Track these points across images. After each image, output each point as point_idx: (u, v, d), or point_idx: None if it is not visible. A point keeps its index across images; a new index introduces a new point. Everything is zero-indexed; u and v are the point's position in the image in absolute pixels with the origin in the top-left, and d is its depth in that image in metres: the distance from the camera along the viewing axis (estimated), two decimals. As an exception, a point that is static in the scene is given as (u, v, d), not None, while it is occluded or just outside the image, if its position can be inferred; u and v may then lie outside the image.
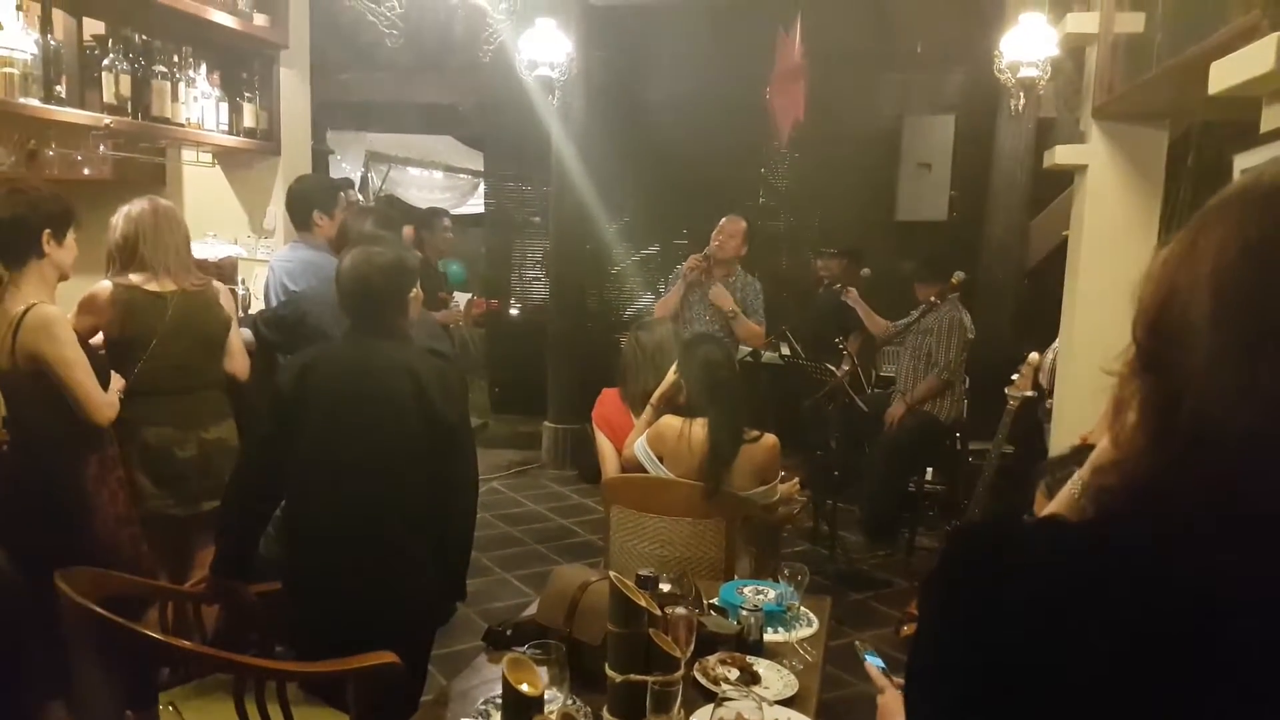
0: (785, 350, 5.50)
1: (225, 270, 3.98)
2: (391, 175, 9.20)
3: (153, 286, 3.00)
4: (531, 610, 2.37)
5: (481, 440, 7.34)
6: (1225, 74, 2.08)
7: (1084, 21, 3.79)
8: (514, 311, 8.50)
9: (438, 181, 9.67)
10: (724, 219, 4.87)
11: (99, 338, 3.00)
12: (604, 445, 3.40)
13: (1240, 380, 0.63)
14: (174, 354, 3.02)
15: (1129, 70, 3.42)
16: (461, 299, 9.19)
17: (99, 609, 1.99)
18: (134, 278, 2.98)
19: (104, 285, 2.98)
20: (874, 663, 1.65)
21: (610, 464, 3.35)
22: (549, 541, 5.23)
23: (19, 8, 3.06)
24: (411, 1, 2.42)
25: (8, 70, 3.07)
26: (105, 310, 2.94)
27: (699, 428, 2.97)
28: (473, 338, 9.55)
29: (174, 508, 3.05)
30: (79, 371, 2.64)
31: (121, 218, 3.04)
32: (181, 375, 3.05)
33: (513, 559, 4.92)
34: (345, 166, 8.66)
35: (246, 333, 3.42)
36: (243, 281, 4.10)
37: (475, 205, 9.50)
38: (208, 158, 4.18)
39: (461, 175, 9.71)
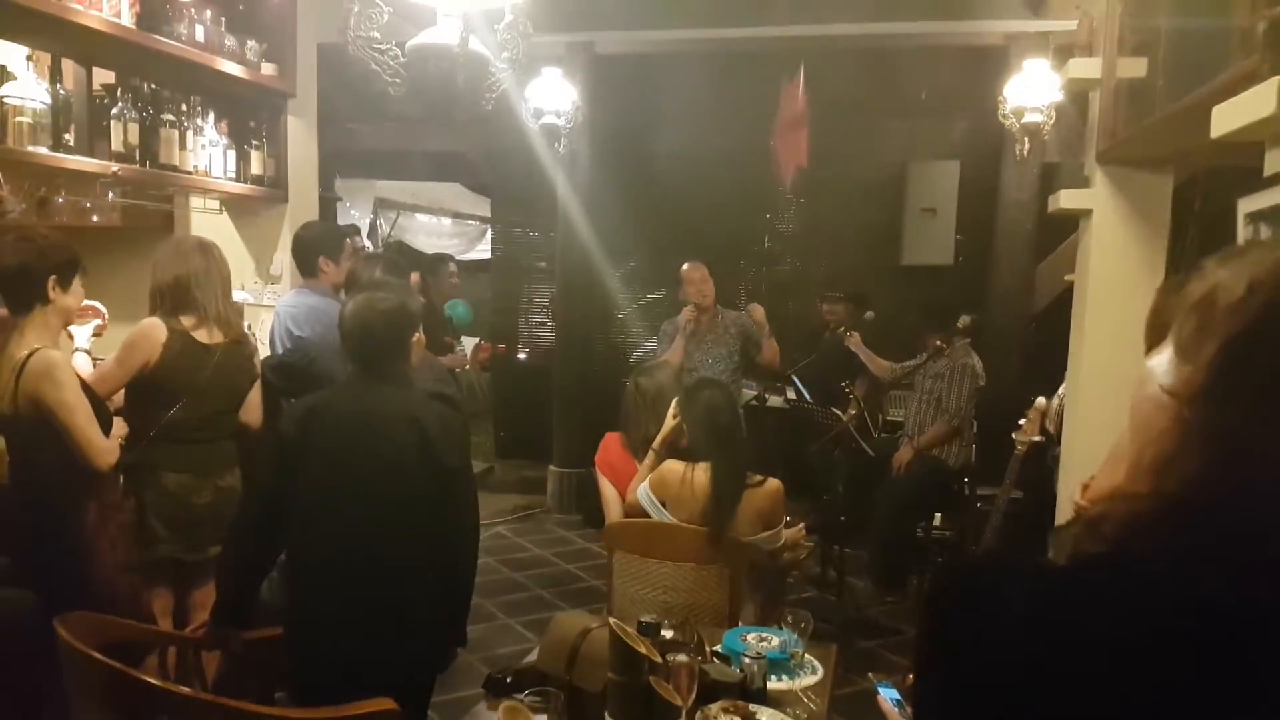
0: (791, 394, 5.48)
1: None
2: (400, 222, 9.29)
3: (202, 335, 3.04)
4: (533, 657, 2.34)
5: (487, 485, 7.32)
6: (1227, 118, 2.08)
7: (1087, 67, 3.82)
8: (521, 356, 8.51)
9: (446, 228, 9.76)
10: (686, 267, 4.94)
11: (110, 379, 3.01)
12: (607, 490, 3.38)
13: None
14: (204, 406, 3.07)
15: (1132, 115, 3.43)
16: (469, 343, 9.23)
17: (97, 654, 1.96)
18: (185, 322, 3.02)
19: (156, 324, 3.00)
20: (888, 695, 1.61)
21: (614, 509, 3.33)
22: (553, 587, 5.17)
23: (29, 58, 3.11)
24: (414, 52, 2.44)
25: (19, 120, 3.12)
26: (157, 350, 2.97)
27: (701, 472, 2.95)
28: (480, 382, 9.57)
29: (183, 553, 3.06)
30: (80, 417, 2.64)
31: (170, 255, 3.08)
32: (207, 426, 3.09)
33: (516, 605, 4.86)
34: (354, 213, 8.75)
35: None
36: (249, 327, 4.11)
37: (483, 251, 9.57)
38: (215, 205, 4.22)
39: (469, 221, 9.80)
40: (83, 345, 3.22)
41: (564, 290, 6.92)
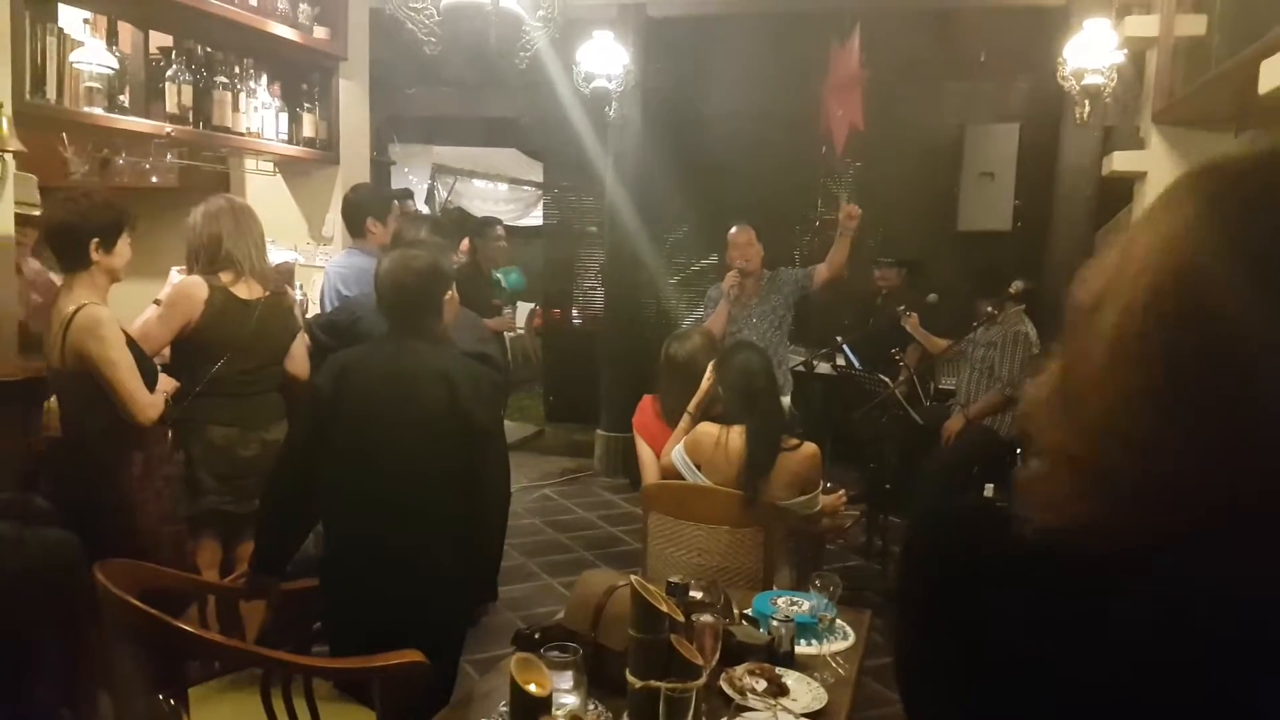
0: (840, 361, 5.42)
1: (283, 275, 4.09)
2: (457, 187, 9.35)
3: (241, 291, 3.11)
4: (562, 615, 2.37)
5: (535, 447, 7.41)
6: (1274, 73, 2.00)
7: (1144, 25, 3.69)
8: (576, 321, 8.56)
9: (502, 194, 9.80)
10: (733, 230, 4.82)
11: (155, 337, 3.09)
12: (644, 451, 3.39)
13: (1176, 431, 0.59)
14: (249, 360, 3.15)
15: (1189, 74, 3.31)
16: (524, 309, 9.29)
17: (133, 600, 2.04)
18: (224, 277, 3.10)
19: (197, 282, 3.07)
20: None
21: (650, 470, 3.34)
22: (596, 549, 5.23)
23: (87, 21, 3.19)
24: (449, 10, 2.45)
25: (85, 85, 3.21)
26: (199, 308, 3.05)
27: (736, 435, 2.94)
28: (534, 348, 9.65)
29: (230, 504, 3.15)
30: (123, 372, 2.72)
31: (201, 216, 3.15)
32: (252, 380, 3.18)
33: (559, 565, 4.93)
34: (412, 179, 8.83)
35: (304, 336, 3.51)
36: (300, 287, 4.20)
37: (537, 217, 9.60)
38: (269, 166, 4.30)
39: (525, 187, 9.82)
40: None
41: (613, 257, 6.92)
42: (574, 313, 8.57)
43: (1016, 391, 4.89)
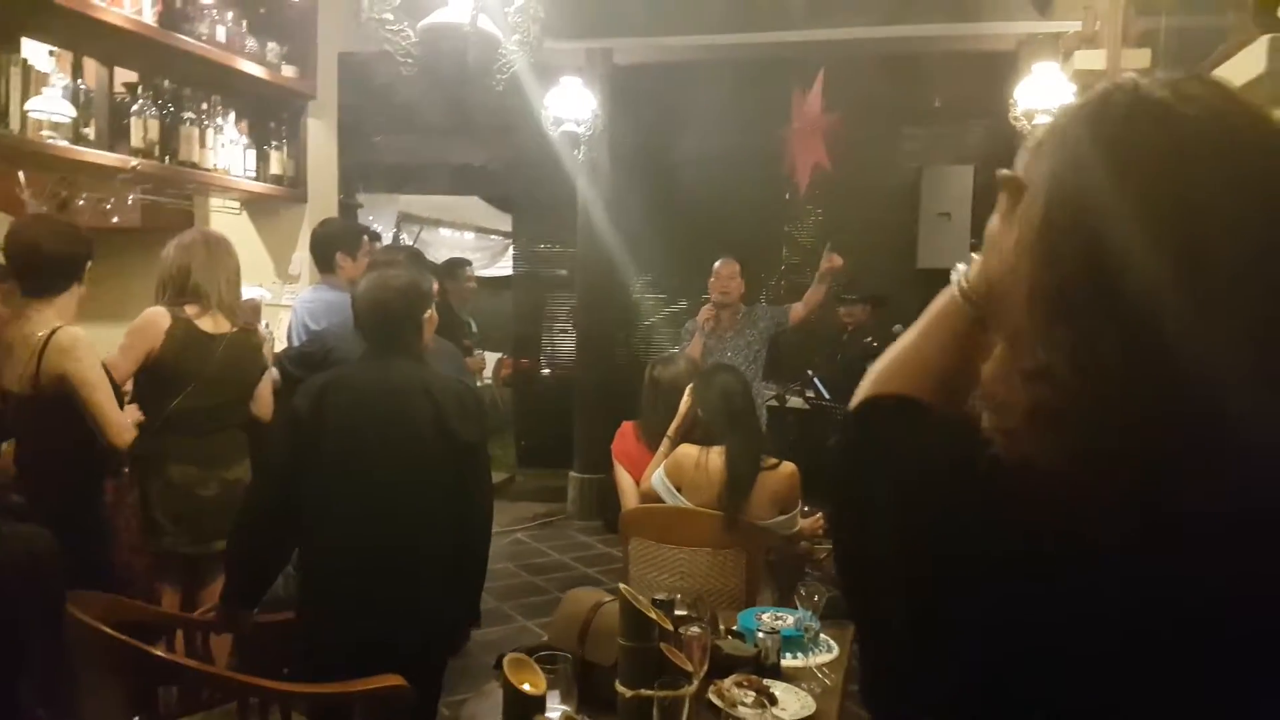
0: (810, 394, 5.45)
1: (250, 312, 4.03)
2: (422, 235, 9.35)
3: (206, 324, 3.04)
4: (546, 639, 2.32)
5: (507, 494, 7.31)
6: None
7: (1092, 59, 3.84)
8: (545, 371, 8.55)
9: (469, 242, 9.82)
10: (718, 263, 4.91)
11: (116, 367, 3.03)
12: (623, 478, 3.37)
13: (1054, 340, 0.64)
14: (211, 396, 3.06)
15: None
16: (491, 359, 9.25)
17: (107, 629, 1.97)
18: (189, 310, 3.03)
19: (160, 312, 3.02)
20: None
21: (629, 497, 3.31)
22: (570, 590, 5.14)
23: (52, 53, 3.18)
24: (425, 31, 2.47)
25: (50, 125, 3.18)
26: (160, 339, 2.98)
27: (716, 456, 2.94)
28: (502, 398, 9.59)
29: (188, 546, 3.04)
30: (100, 393, 2.67)
31: (174, 247, 3.11)
32: (214, 417, 3.09)
33: (534, 607, 4.84)
34: (377, 227, 8.82)
35: (273, 371, 3.45)
36: (266, 325, 4.14)
37: (505, 267, 9.62)
38: (235, 205, 4.27)
39: (492, 236, 9.85)
40: None
41: (585, 299, 6.94)
42: (542, 362, 8.56)
43: (980, 404, 4.94)
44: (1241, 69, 2.05)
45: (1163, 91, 0.66)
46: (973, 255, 0.83)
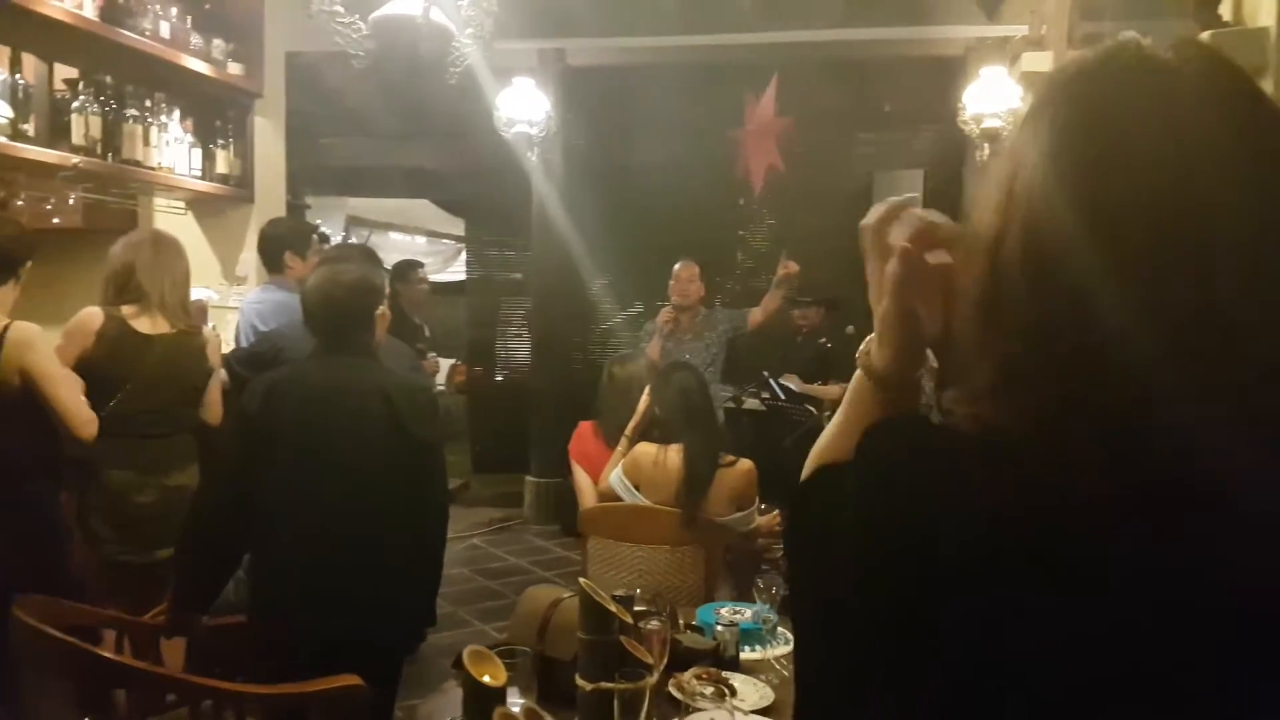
0: (766, 395, 5.48)
1: (197, 313, 3.95)
2: (372, 239, 9.24)
3: (143, 325, 2.94)
4: (505, 637, 2.30)
5: (463, 500, 7.25)
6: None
7: (1040, 60, 3.91)
8: (499, 378, 8.49)
9: (420, 246, 9.73)
10: (677, 266, 4.94)
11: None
12: (581, 479, 3.36)
13: (1055, 301, 0.64)
14: (150, 399, 2.96)
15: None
16: (445, 364, 9.17)
17: (54, 631, 1.91)
18: (126, 310, 2.94)
19: (93, 312, 2.93)
20: None
21: (587, 497, 3.30)
22: (529, 588, 5.11)
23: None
24: (377, 23, 2.44)
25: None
26: (90, 339, 2.89)
27: (674, 454, 2.94)
28: (456, 404, 9.50)
29: (128, 554, 2.93)
30: (64, 387, 2.60)
31: (120, 245, 3.03)
32: (154, 421, 2.98)
33: (491, 611, 4.80)
34: (326, 230, 8.71)
35: (222, 373, 3.36)
36: (213, 327, 4.06)
37: (457, 271, 9.53)
38: (180, 205, 4.18)
39: (444, 240, 9.77)
40: None
41: (540, 302, 6.92)
42: (496, 368, 8.51)
43: (930, 402, 5.03)
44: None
45: (1166, 54, 0.67)
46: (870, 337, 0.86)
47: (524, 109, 5.60)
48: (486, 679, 1.53)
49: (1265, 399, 0.60)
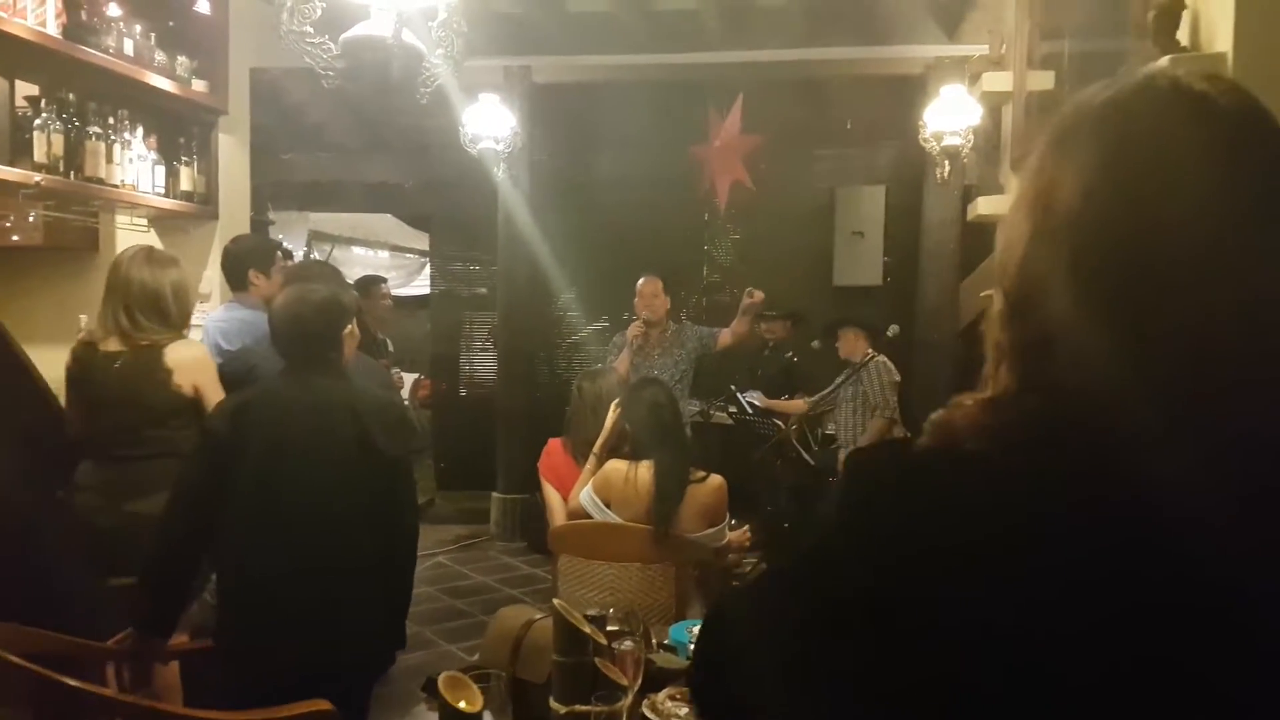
0: (734, 409, 5.53)
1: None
2: (335, 254, 9.18)
3: (108, 343, 2.89)
4: (476, 659, 2.30)
5: (428, 517, 7.18)
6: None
7: (999, 80, 3.99)
8: (464, 392, 8.45)
9: (383, 261, 9.68)
10: (641, 282, 4.97)
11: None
12: (551, 496, 3.35)
13: (1101, 326, 0.66)
14: (111, 419, 2.89)
15: (1041, 124, 3.59)
16: (409, 379, 9.12)
17: (15, 659, 1.88)
18: (96, 331, 2.91)
19: (81, 335, 2.94)
20: None
21: (558, 515, 3.29)
22: (501, 609, 5.08)
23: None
24: (347, 44, 2.44)
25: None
26: (69, 360, 2.89)
27: (644, 470, 2.94)
28: (420, 419, 9.44)
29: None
30: None
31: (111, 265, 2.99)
32: (117, 442, 2.90)
33: (458, 631, 4.77)
34: (289, 245, 8.64)
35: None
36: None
37: (421, 286, 9.49)
38: (142, 222, 4.13)
39: (408, 255, 9.72)
40: None
41: (506, 317, 6.91)
42: (460, 384, 8.47)
43: (894, 413, 5.11)
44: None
45: (1201, 84, 0.70)
46: None
47: (490, 125, 5.60)
48: (462, 705, 1.53)
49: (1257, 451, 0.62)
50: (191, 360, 2.98)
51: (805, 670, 0.71)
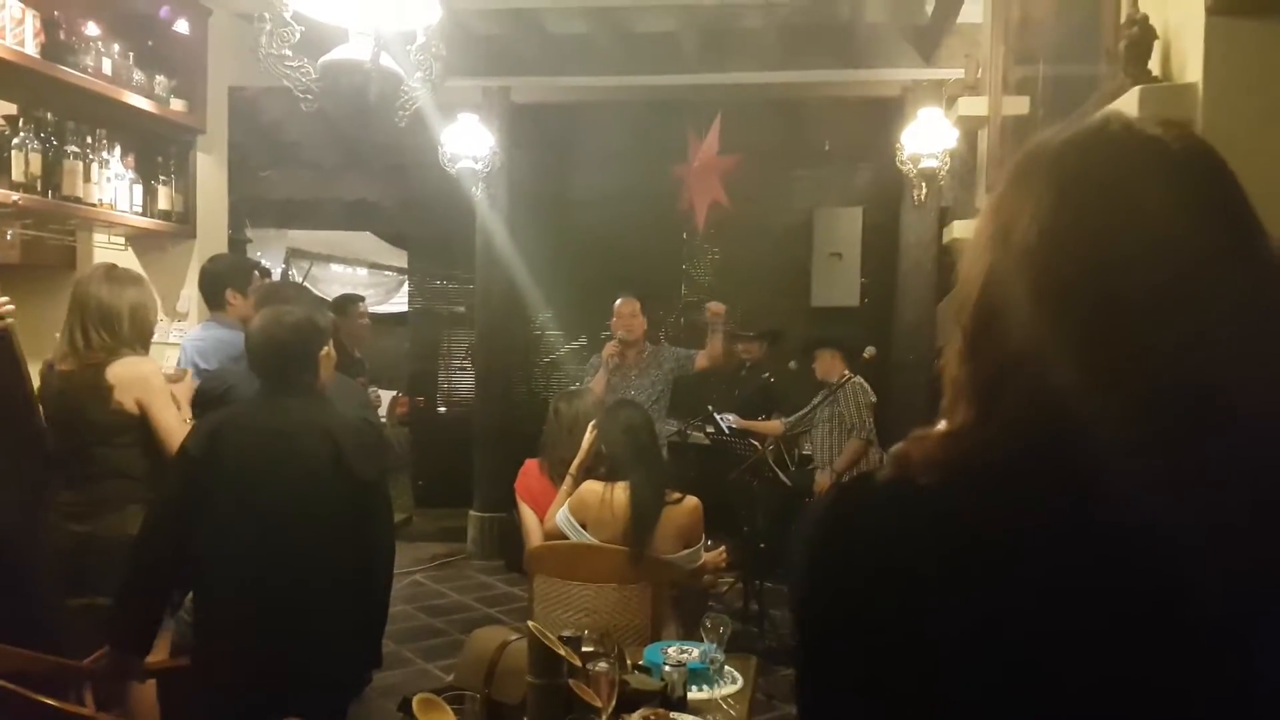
0: (711, 429, 5.55)
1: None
2: (313, 272, 9.16)
3: (64, 363, 2.85)
4: (452, 678, 2.30)
5: (405, 535, 7.16)
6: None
7: (975, 105, 4.05)
8: (442, 409, 8.43)
9: (362, 278, 9.66)
10: (618, 302, 4.99)
11: None
12: (528, 516, 3.36)
13: (1058, 359, 0.68)
14: (64, 439, 2.86)
15: (1016, 148, 3.64)
16: (386, 396, 9.10)
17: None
18: (57, 350, 2.88)
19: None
20: None
21: (534, 535, 3.30)
22: (476, 630, 5.07)
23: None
24: (326, 67, 2.46)
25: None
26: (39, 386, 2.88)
27: (620, 491, 2.95)
28: (398, 436, 9.41)
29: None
30: None
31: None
32: (71, 461, 2.87)
33: (435, 649, 4.75)
34: (265, 263, 8.62)
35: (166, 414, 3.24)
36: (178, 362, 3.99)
37: (400, 303, 9.48)
38: (120, 240, 4.12)
39: (386, 272, 9.71)
40: None
41: (484, 335, 6.91)
42: (438, 400, 8.46)
43: (870, 435, 5.15)
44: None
45: (1154, 129, 0.73)
46: None
47: (469, 145, 5.64)
48: (438, 727, 1.54)
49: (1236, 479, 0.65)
50: (133, 376, 2.85)
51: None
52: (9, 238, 3.83)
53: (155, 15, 4.13)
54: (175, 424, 2.86)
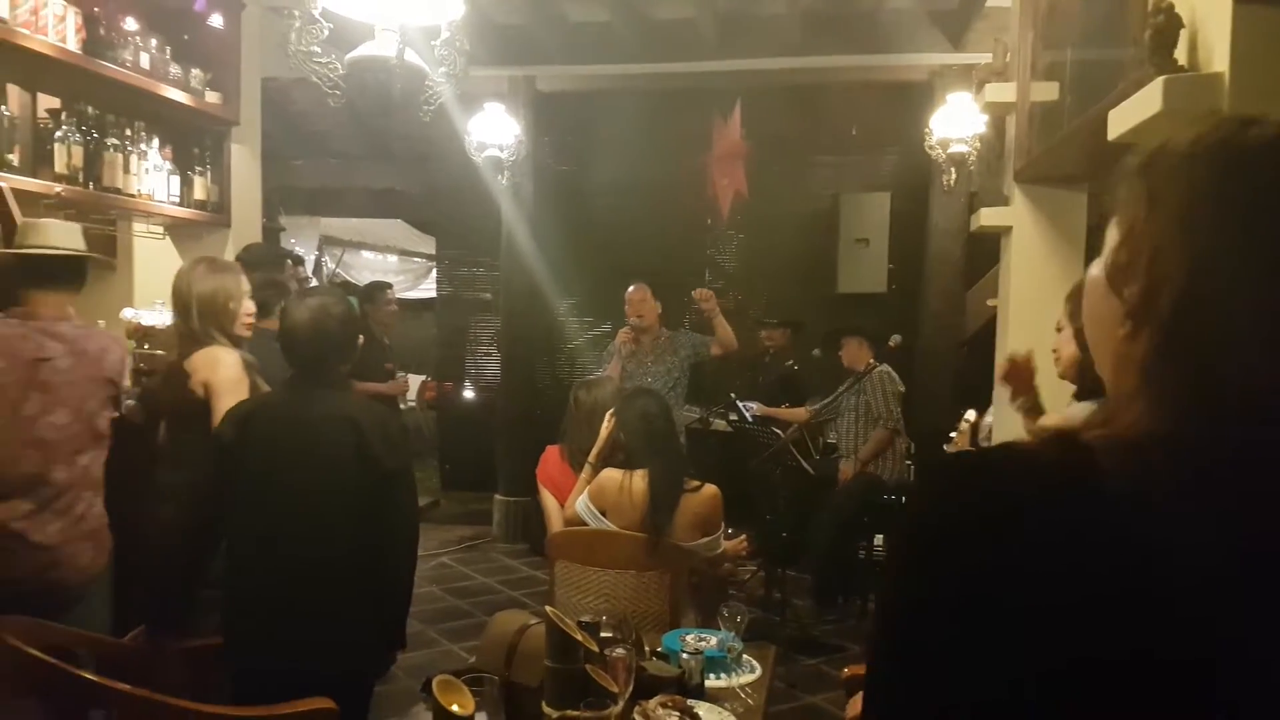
0: (733, 417, 5.58)
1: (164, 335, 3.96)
2: (345, 258, 9.27)
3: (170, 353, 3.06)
4: (473, 660, 2.36)
5: (432, 518, 7.29)
6: (1121, 120, 2.23)
7: (1003, 92, 4.02)
8: (468, 394, 8.53)
9: (392, 265, 9.77)
10: (630, 289, 5.03)
11: None
12: (549, 502, 3.42)
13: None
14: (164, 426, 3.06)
15: (1044, 134, 3.63)
16: (415, 381, 9.21)
17: (33, 651, 1.97)
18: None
19: None
20: None
21: (555, 520, 3.36)
22: (497, 613, 5.17)
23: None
24: (352, 64, 2.53)
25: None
26: None
27: (639, 479, 3.00)
28: (426, 421, 9.53)
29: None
30: None
31: None
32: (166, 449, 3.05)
33: (459, 631, 4.85)
34: (300, 250, 8.75)
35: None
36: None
37: (429, 289, 9.59)
38: (158, 229, 4.23)
39: (415, 259, 9.81)
40: None
41: (508, 322, 6.99)
42: (465, 384, 8.56)
43: (896, 424, 5.16)
44: (1139, 108, 2.19)
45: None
46: None
47: (495, 133, 5.71)
48: (455, 708, 1.61)
49: None
50: (203, 360, 2.92)
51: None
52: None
53: (190, 9, 4.22)
54: None
